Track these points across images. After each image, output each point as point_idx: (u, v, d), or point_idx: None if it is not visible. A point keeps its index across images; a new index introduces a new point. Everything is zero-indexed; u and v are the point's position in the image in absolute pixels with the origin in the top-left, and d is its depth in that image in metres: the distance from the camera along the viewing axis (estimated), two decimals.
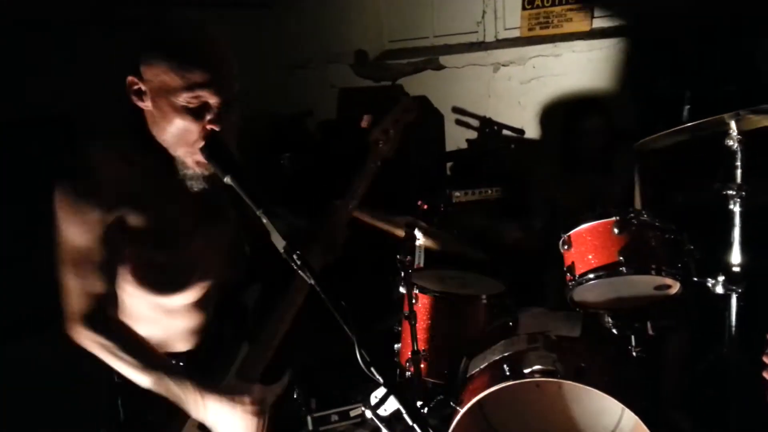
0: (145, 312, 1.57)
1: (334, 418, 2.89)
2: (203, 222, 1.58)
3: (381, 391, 2.61)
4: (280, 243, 1.30)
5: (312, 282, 1.27)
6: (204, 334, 1.68)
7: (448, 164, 4.07)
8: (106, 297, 1.46)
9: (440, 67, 4.12)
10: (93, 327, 1.44)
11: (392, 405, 2.61)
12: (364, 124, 1.81)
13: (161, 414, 1.51)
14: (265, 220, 1.32)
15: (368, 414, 2.41)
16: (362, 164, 1.82)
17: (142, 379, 1.45)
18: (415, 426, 1.15)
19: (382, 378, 1.20)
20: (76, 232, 1.40)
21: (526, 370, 1.95)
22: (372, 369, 1.20)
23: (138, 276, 1.50)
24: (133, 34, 1.43)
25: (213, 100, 1.40)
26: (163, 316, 1.59)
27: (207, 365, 1.62)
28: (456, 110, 4.07)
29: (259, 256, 1.79)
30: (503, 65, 3.91)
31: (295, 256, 1.28)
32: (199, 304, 1.65)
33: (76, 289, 1.43)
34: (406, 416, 1.17)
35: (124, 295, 1.54)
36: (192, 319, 1.65)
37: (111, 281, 1.47)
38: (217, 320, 1.71)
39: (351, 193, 1.81)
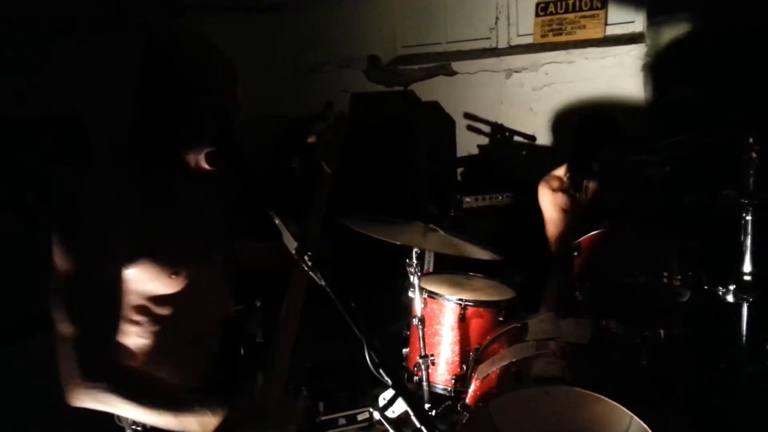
0: (149, 350, 1.49)
1: (342, 421, 2.89)
2: (204, 252, 1.53)
3: (389, 393, 2.61)
4: (291, 244, 1.31)
5: (323, 284, 1.27)
6: (214, 369, 1.62)
7: (459, 170, 4.07)
8: (108, 342, 1.36)
9: (452, 73, 4.13)
10: (94, 378, 1.29)
11: (400, 407, 2.62)
12: (311, 140, 1.80)
13: None
14: (277, 222, 1.33)
15: (376, 415, 2.41)
16: (316, 182, 1.78)
17: (159, 420, 1.35)
18: (423, 428, 1.15)
19: (391, 380, 1.20)
20: (78, 270, 1.31)
21: (535, 377, 1.95)
22: (381, 370, 1.20)
23: (138, 312, 1.44)
24: (145, 40, 1.42)
25: (223, 107, 1.41)
26: (173, 352, 1.52)
27: (224, 402, 1.53)
28: (468, 116, 4.07)
29: (252, 280, 1.78)
30: (516, 71, 3.91)
31: (306, 257, 1.28)
32: (204, 337, 1.59)
33: (71, 338, 1.30)
34: (414, 418, 1.17)
35: (123, 336, 1.46)
36: (199, 353, 1.59)
37: (112, 324, 1.37)
38: (225, 352, 1.65)
39: (314, 210, 1.73)
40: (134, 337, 1.47)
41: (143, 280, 1.40)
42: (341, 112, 1.88)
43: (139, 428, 1.48)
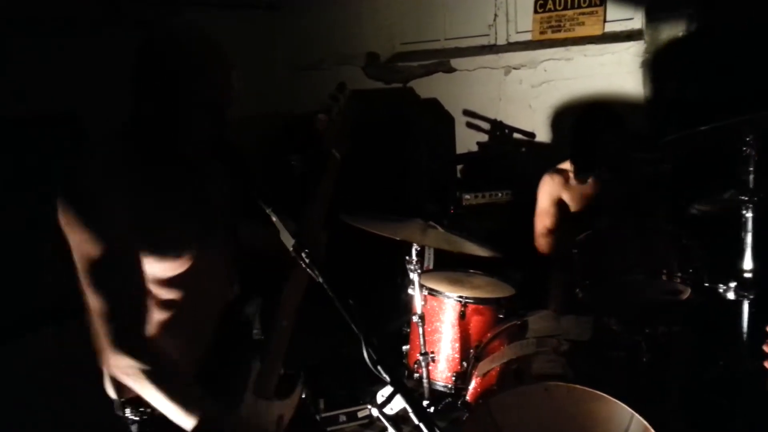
0: (157, 333, 1.51)
1: (342, 418, 2.90)
2: (205, 237, 1.54)
3: (388, 390, 2.62)
4: (289, 241, 1.30)
5: (320, 280, 1.27)
6: (211, 354, 1.62)
7: (459, 167, 4.07)
8: (137, 314, 1.40)
9: (451, 70, 4.12)
10: (123, 350, 1.35)
11: (399, 404, 2.62)
12: (319, 125, 1.77)
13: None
14: (274, 219, 1.33)
15: (374, 412, 2.41)
16: (323, 168, 1.76)
17: (176, 414, 1.38)
18: (421, 425, 1.15)
19: (389, 376, 1.20)
20: (91, 246, 1.34)
21: (535, 374, 1.95)
22: (379, 367, 1.19)
23: (147, 296, 1.46)
24: (142, 37, 1.43)
25: (220, 101, 1.42)
26: (175, 336, 1.53)
27: (220, 386, 1.56)
28: (467, 113, 4.06)
29: (253, 269, 1.78)
30: (514, 68, 3.91)
31: (303, 254, 1.28)
32: (203, 322, 1.61)
33: (103, 309, 1.35)
34: (412, 415, 1.17)
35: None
36: (198, 337, 1.60)
37: (138, 295, 1.42)
38: (222, 338, 1.66)
39: (319, 198, 1.73)
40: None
41: (146, 264, 1.42)
42: (350, 93, 1.84)
43: (136, 418, 1.49)
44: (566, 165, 2.97)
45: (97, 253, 1.34)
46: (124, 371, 1.37)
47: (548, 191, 2.97)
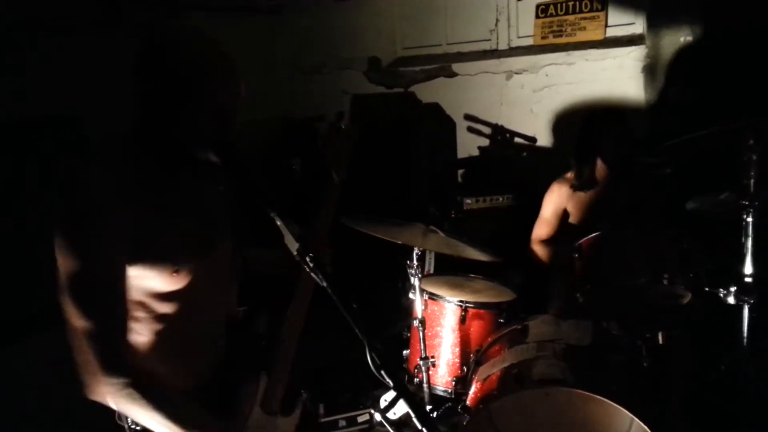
0: (149, 347, 1.48)
1: (342, 423, 2.89)
2: (207, 246, 1.53)
3: (390, 395, 2.61)
4: (293, 245, 1.30)
5: (324, 284, 1.27)
6: (217, 369, 1.61)
7: (460, 171, 4.07)
8: (121, 336, 1.37)
9: (453, 75, 4.13)
10: (115, 370, 1.31)
11: (401, 409, 2.62)
12: (321, 141, 1.81)
13: None
14: (279, 222, 1.32)
15: (377, 417, 2.40)
16: (324, 187, 1.77)
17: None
18: (424, 430, 1.15)
19: (392, 381, 1.20)
20: (87, 264, 1.31)
21: (536, 378, 1.95)
22: (382, 372, 1.19)
23: (139, 309, 1.44)
24: (144, 38, 1.42)
25: (221, 106, 1.41)
26: (174, 351, 1.51)
27: (226, 402, 1.56)
28: (468, 117, 4.07)
29: (259, 282, 1.79)
30: (516, 73, 3.91)
31: (308, 259, 1.28)
32: (205, 336, 1.59)
33: (91, 329, 1.30)
34: (415, 420, 1.17)
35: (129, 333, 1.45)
36: (202, 351, 1.59)
37: (124, 317, 1.38)
38: (229, 352, 1.65)
39: (322, 218, 1.74)
40: (134, 335, 1.46)
41: (145, 277, 1.40)
42: (353, 123, 1.87)
43: (138, 428, 1.47)
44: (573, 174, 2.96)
45: (84, 272, 1.31)
46: (118, 391, 1.32)
47: (554, 200, 2.96)
